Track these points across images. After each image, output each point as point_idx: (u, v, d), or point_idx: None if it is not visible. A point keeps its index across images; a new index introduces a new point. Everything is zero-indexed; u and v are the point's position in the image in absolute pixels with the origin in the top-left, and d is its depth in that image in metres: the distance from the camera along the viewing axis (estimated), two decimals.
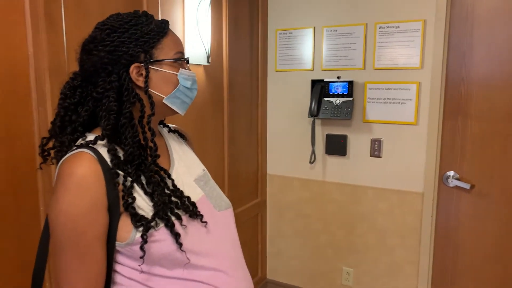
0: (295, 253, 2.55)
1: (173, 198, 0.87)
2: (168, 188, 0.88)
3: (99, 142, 0.83)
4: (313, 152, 2.34)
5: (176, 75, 0.90)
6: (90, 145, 0.82)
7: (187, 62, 0.94)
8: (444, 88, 2.07)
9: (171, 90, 0.90)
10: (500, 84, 1.97)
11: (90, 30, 0.87)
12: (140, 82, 0.86)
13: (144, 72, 0.86)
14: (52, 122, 0.89)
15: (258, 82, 2.44)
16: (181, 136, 1.09)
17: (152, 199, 0.83)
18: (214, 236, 0.91)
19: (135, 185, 0.83)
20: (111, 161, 0.81)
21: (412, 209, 2.18)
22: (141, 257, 0.79)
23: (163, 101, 0.90)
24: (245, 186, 2.38)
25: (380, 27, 2.14)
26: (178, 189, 0.89)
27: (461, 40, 2.04)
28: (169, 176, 0.90)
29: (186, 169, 0.98)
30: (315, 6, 2.31)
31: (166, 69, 0.89)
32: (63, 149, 0.85)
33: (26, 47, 1.20)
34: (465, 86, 2.05)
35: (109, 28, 0.85)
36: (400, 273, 2.25)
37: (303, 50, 2.37)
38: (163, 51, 0.88)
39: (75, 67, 1.33)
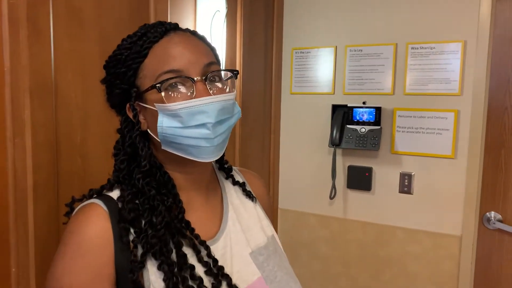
0: None
1: (198, 275, 0.58)
2: (200, 260, 0.60)
3: (116, 187, 0.60)
4: (334, 185, 2.07)
5: (157, 111, 0.62)
6: (105, 191, 0.60)
7: (207, 79, 0.66)
8: (486, 118, 1.84)
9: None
10: None
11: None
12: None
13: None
14: None
15: (271, 105, 2.18)
16: (248, 194, 0.78)
17: (165, 275, 0.56)
18: None
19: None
20: (120, 210, 0.56)
21: (448, 254, 1.90)
22: None
23: (162, 147, 0.64)
24: None
25: (412, 48, 1.91)
26: (217, 263, 0.60)
27: (505, 64, 1.81)
28: (202, 243, 0.62)
29: (242, 235, 0.69)
30: (338, 24, 2.07)
31: (150, 105, 0.63)
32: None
33: (2, 62, 0.93)
34: (509, 116, 1.82)
35: (104, 65, 0.68)
36: None
37: (323, 72, 2.12)
38: (147, 78, 0.62)
39: (63, 87, 1.07)
